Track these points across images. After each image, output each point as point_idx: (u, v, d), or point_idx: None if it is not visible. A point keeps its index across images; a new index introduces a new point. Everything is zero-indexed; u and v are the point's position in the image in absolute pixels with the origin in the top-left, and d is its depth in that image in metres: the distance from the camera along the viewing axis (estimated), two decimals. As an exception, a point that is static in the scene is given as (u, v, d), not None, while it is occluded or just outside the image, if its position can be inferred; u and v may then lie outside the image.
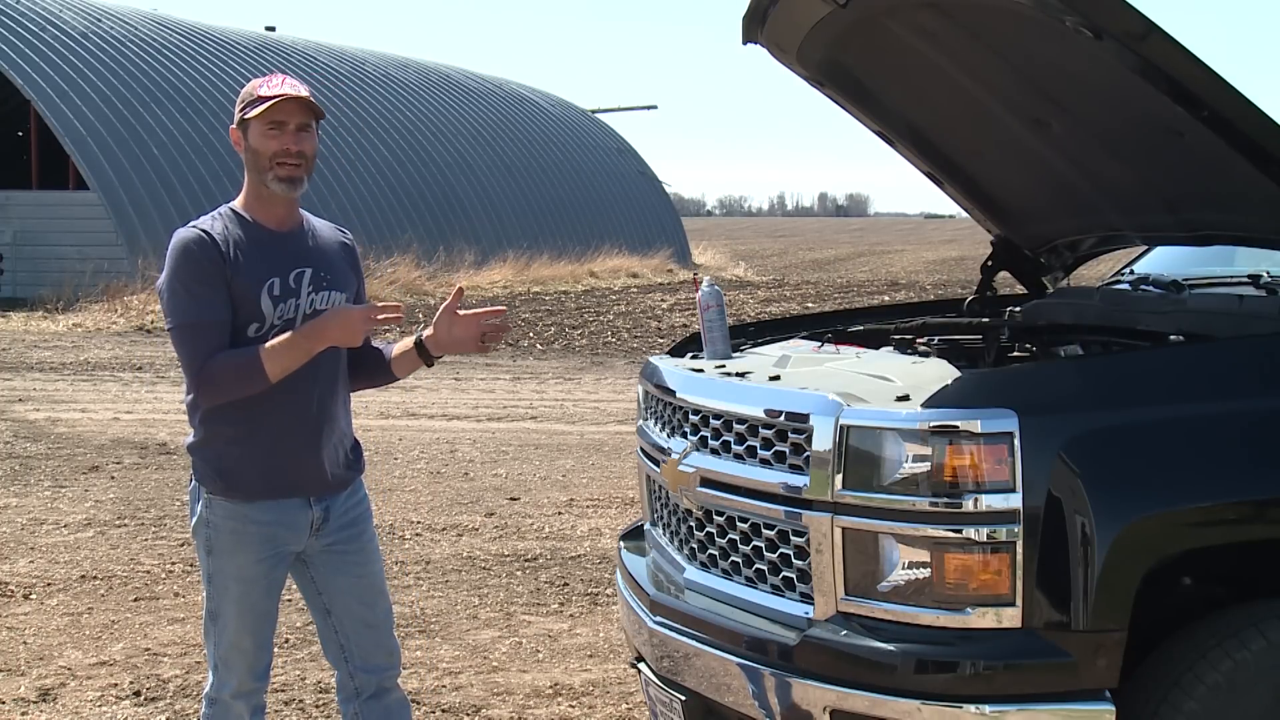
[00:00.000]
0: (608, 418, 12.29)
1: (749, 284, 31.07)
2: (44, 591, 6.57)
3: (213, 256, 3.39)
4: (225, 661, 3.57)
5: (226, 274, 3.39)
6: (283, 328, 3.43)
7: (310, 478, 3.54)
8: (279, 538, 3.53)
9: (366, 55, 35.35)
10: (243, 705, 3.60)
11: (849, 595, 3.10)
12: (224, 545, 3.51)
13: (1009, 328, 4.19)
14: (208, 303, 3.38)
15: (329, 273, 3.56)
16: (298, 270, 3.50)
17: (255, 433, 3.46)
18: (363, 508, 3.69)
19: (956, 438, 2.94)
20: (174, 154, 25.14)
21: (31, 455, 10.19)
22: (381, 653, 3.72)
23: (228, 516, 3.50)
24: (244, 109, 3.47)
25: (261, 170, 3.46)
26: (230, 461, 3.48)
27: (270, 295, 3.43)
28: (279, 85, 3.46)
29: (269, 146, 3.43)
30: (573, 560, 7.20)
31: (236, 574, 3.52)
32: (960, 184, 4.75)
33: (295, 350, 3.38)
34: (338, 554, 3.62)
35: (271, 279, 3.44)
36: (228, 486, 3.49)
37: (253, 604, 3.55)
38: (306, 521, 3.55)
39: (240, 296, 3.41)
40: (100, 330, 20.04)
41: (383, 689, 3.73)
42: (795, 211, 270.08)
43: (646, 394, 4.07)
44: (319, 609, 3.70)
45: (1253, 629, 2.96)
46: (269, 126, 3.43)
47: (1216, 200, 3.90)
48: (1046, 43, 3.49)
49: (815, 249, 62.08)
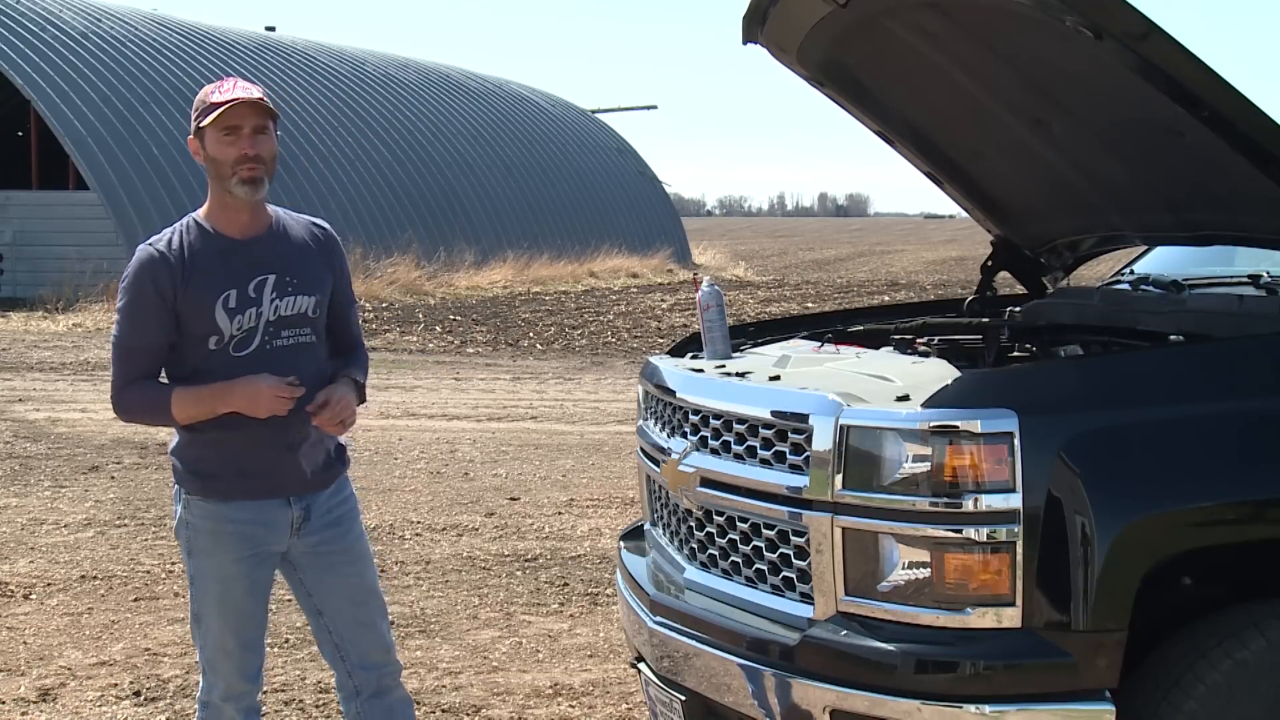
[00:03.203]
0: (608, 418, 12.29)
1: (749, 284, 31.07)
2: (44, 591, 6.57)
3: (161, 281, 3.41)
4: (212, 664, 3.58)
5: (175, 295, 3.41)
6: (243, 338, 3.44)
7: (287, 477, 3.54)
8: (257, 537, 3.53)
9: (366, 55, 35.35)
10: (233, 708, 3.59)
11: (849, 595, 3.10)
12: (203, 545, 3.53)
13: (1009, 328, 4.19)
14: (142, 327, 3.43)
15: (295, 276, 3.52)
16: (259, 278, 3.47)
17: (230, 434, 3.46)
18: (347, 506, 3.67)
19: (956, 438, 2.94)
20: (174, 154, 25.11)
21: (31, 455, 10.19)
22: (378, 650, 3.71)
23: (205, 516, 3.52)
24: (199, 117, 3.44)
25: (224, 177, 3.44)
26: (206, 463, 3.50)
27: (225, 308, 3.43)
28: (230, 89, 3.43)
29: (227, 154, 3.41)
30: (573, 560, 7.20)
31: (216, 574, 3.53)
32: (960, 184, 4.75)
33: (202, 405, 3.43)
34: (324, 554, 3.61)
35: (228, 291, 3.43)
36: (204, 487, 3.51)
37: (234, 604, 3.54)
38: (286, 521, 3.54)
39: (195, 310, 3.42)
40: (100, 330, 20.02)
41: (384, 687, 3.72)
42: (795, 211, 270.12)
43: (646, 394, 4.07)
44: (311, 610, 3.70)
45: (1253, 629, 2.96)
46: (224, 133, 3.41)
47: (1216, 200, 3.90)
48: (1046, 43, 3.49)
49: (815, 249, 62.09)
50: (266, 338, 3.47)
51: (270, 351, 3.47)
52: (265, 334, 3.47)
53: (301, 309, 3.52)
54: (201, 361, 3.45)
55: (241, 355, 3.45)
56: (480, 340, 18.81)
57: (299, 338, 3.53)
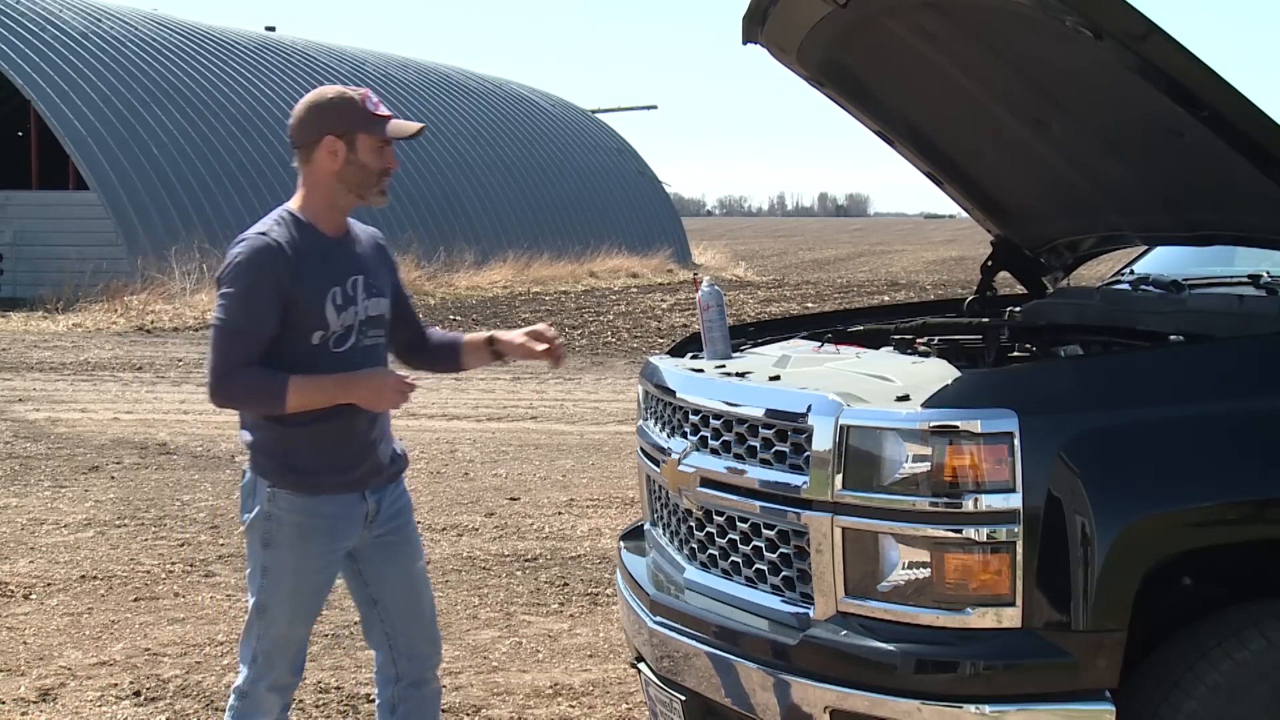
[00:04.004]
0: (608, 418, 12.29)
1: (749, 284, 31.07)
2: (44, 591, 6.57)
3: (280, 271, 3.45)
4: (268, 655, 3.62)
5: (289, 287, 3.45)
6: (343, 335, 3.53)
7: (370, 472, 3.64)
8: (340, 530, 3.61)
9: (366, 55, 35.35)
10: (277, 698, 3.66)
11: (849, 595, 3.10)
12: (286, 539, 3.57)
13: (1009, 328, 4.19)
14: (259, 314, 3.45)
15: (374, 279, 3.65)
16: (353, 277, 3.58)
17: (328, 427, 3.53)
18: (405, 499, 3.79)
19: (956, 438, 2.94)
20: (174, 154, 25.12)
21: (31, 455, 10.19)
22: (426, 641, 3.81)
23: (292, 510, 3.56)
24: (356, 123, 3.51)
25: (366, 185, 3.54)
26: (299, 457, 3.55)
27: (334, 304, 3.52)
28: (378, 104, 3.57)
29: (378, 163, 3.54)
30: (573, 560, 7.20)
31: (295, 566, 3.59)
32: (960, 184, 4.75)
33: (324, 393, 3.48)
34: (386, 545, 3.71)
35: (334, 288, 3.52)
36: (298, 481, 3.55)
37: (306, 597, 3.63)
38: (363, 514, 3.64)
39: (306, 305, 3.48)
40: (100, 330, 20.04)
41: (423, 679, 3.82)
42: (795, 211, 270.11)
43: (646, 394, 4.07)
44: (365, 600, 3.77)
45: (1253, 629, 2.96)
46: (383, 144, 3.54)
47: (1216, 200, 3.90)
48: (1046, 43, 3.49)
49: (815, 249, 62.08)
50: (360, 336, 3.59)
51: (361, 349, 3.59)
52: (359, 332, 3.59)
53: (381, 310, 3.66)
54: (301, 355, 3.50)
55: (340, 351, 3.54)
56: (480, 340, 18.80)
57: (378, 338, 3.67)
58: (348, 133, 3.50)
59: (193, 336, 19.24)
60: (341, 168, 3.52)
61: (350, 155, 3.51)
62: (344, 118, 3.52)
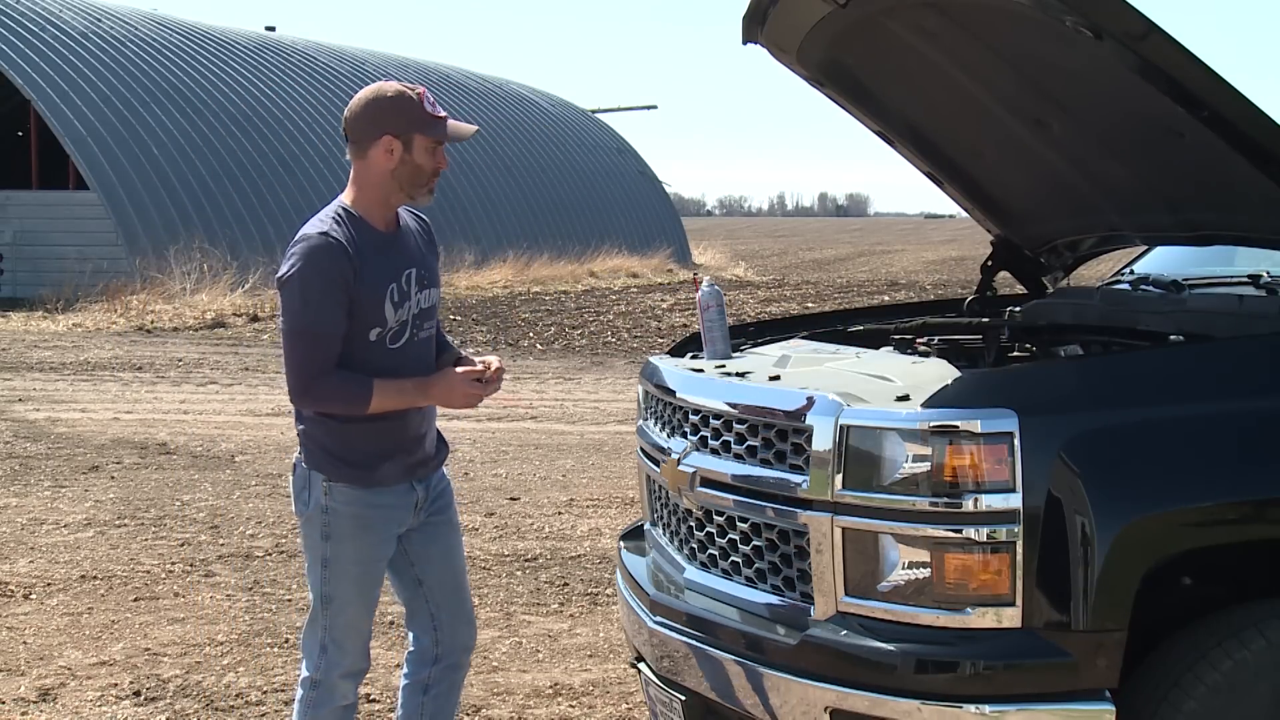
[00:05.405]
0: (608, 418, 12.29)
1: (749, 284, 31.06)
2: (44, 591, 6.57)
3: (345, 269, 3.46)
4: (339, 643, 3.68)
5: (353, 285, 3.47)
6: (398, 330, 3.57)
7: (421, 461, 3.72)
8: (395, 519, 3.69)
9: (366, 55, 35.35)
10: (351, 684, 3.73)
11: (849, 595, 3.10)
12: (345, 530, 3.62)
13: (1009, 328, 4.19)
14: (333, 314, 3.46)
15: (426, 270, 3.68)
16: (407, 272, 3.61)
17: (391, 423, 3.59)
18: (447, 482, 3.88)
19: (956, 438, 2.94)
20: (174, 154, 25.12)
21: (31, 455, 10.19)
22: (465, 623, 3.89)
23: (350, 502, 3.61)
24: (414, 123, 3.51)
25: (417, 184, 3.57)
26: (360, 451, 3.60)
27: (392, 301, 3.55)
28: (435, 105, 3.60)
29: (431, 163, 3.56)
30: (573, 560, 7.20)
31: (358, 556, 3.65)
32: (960, 184, 4.75)
33: (404, 397, 3.57)
34: (432, 525, 3.80)
35: (391, 284, 3.55)
36: (357, 475, 3.60)
37: (370, 584, 3.71)
38: (413, 501, 3.72)
39: (368, 301, 3.50)
40: (100, 330, 20.04)
41: (460, 664, 3.91)
42: (795, 211, 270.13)
43: (646, 394, 4.07)
44: (410, 581, 3.84)
45: (1253, 629, 2.96)
46: (437, 144, 3.57)
47: (1216, 200, 3.90)
48: (1046, 43, 3.49)
49: (815, 249, 62.09)
50: (414, 330, 3.62)
51: (414, 344, 3.63)
52: (414, 326, 3.62)
53: (433, 301, 3.70)
54: (359, 353, 3.52)
55: (395, 347, 3.58)
56: (480, 340, 18.79)
57: (429, 330, 3.71)
58: (405, 132, 3.51)
59: (193, 336, 19.25)
60: (396, 166, 3.53)
61: (405, 155, 3.52)
62: (403, 117, 3.52)
